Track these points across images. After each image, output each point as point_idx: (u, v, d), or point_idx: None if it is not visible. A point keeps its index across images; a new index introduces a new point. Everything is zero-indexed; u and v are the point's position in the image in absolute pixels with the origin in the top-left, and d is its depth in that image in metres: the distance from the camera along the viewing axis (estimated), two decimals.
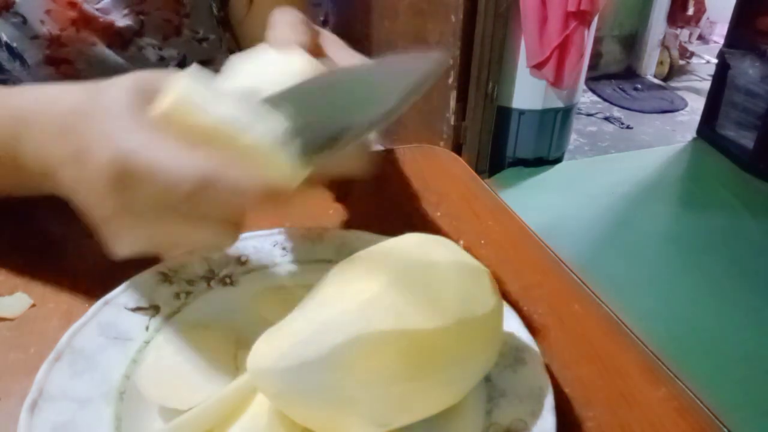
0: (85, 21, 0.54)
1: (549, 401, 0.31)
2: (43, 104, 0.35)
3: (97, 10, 0.54)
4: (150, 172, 0.28)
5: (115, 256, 0.33)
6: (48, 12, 0.52)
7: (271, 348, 0.28)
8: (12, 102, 0.37)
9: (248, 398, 0.31)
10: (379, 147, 0.67)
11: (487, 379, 0.32)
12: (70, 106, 0.33)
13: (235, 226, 0.31)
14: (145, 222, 0.30)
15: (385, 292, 0.28)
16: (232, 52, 0.65)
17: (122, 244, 0.32)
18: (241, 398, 0.31)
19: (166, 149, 0.28)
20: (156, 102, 0.30)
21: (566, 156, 2.55)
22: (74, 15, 0.53)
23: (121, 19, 0.56)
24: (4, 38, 0.52)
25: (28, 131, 0.35)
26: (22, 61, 0.53)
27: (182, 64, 0.61)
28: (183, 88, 0.29)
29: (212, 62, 0.63)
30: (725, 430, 0.35)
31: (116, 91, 0.31)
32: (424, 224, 0.52)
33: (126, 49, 0.57)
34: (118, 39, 0.56)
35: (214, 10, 0.63)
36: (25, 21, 0.52)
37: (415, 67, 0.31)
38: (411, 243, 0.31)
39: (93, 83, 0.33)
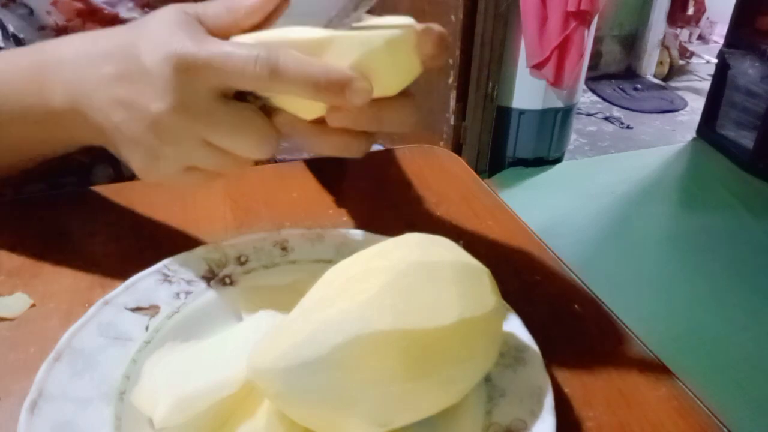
0: (91, 12, 0.54)
1: (549, 401, 0.31)
2: (76, 44, 0.37)
3: (103, 2, 0.55)
4: (216, 62, 0.30)
5: (147, 179, 0.35)
6: (54, 3, 0.52)
7: (270, 348, 0.28)
8: (40, 47, 0.39)
9: (248, 398, 0.31)
10: (378, 147, 0.67)
11: (487, 379, 0.32)
12: (107, 41, 0.35)
13: (275, 139, 0.33)
14: (193, 126, 0.32)
15: (384, 291, 0.28)
16: None
17: (159, 163, 0.34)
18: (240, 398, 0.31)
19: (227, 43, 0.31)
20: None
21: (566, 156, 2.55)
22: (80, 6, 0.53)
23: (126, 12, 0.56)
24: (11, 29, 0.52)
25: (58, 67, 0.37)
26: None
27: None
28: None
29: None
30: (725, 430, 0.35)
31: (159, 16, 0.33)
32: (424, 224, 0.52)
33: None
34: None
35: None
36: (31, 12, 0.52)
37: None
38: (411, 243, 0.31)
39: (131, 23, 0.35)
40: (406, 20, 0.33)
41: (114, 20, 0.56)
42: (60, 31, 0.53)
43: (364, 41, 0.31)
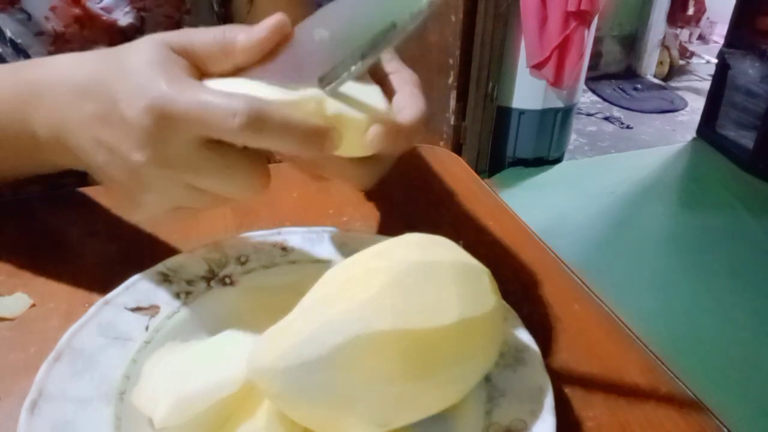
0: (89, 19, 0.54)
1: (549, 401, 0.31)
2: (57, 74, 0.35)
3: (100, 8, 0.55)
4: (194, 113, 0.29)
5: (131, 218, 0.33)
6: (53, 9, 0.52)
7: (270, 348, 0.28)
8: (22, 73, 0.37)
9: (247, 399, 0.31)
10: None
11: (487, 379, 0.32)
12: (86, 73, 0.33)
13: (264, 178, 0.32)
14: (175, 174, 0.31)
15: (384, 291, 0.27)
16: None
17: (144, 206, 0.33)
18: (240, 399, 0.31)
19: (206, 91, 0.29)
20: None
21: (566, 156, 2.55)
22: (78, 12, 0.53)
23: (123, 17, 0.56)
24: (9, 34, 0.52)
25: (40, 100, 0.35)
26: (27, 57, 0.53)
27: None
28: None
29: None
30: (725, 430, 0.35)
31: (138, 51, 0.31)
32: (424, 224, 0.52)
33: None
34: (121, 37, 0.56)
35: (215, 6, 0.63)
36: (29, 17, 0.52)
37: None
38: (411, 243, 0.31)
39: (107, 50, 0.34)
40: (378, 100, 0.33)
41: (112, 26, 0.56)
42: (57, 37, 0.53)
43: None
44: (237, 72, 0.33)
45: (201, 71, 0.32)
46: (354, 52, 0.31)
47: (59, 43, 0.54)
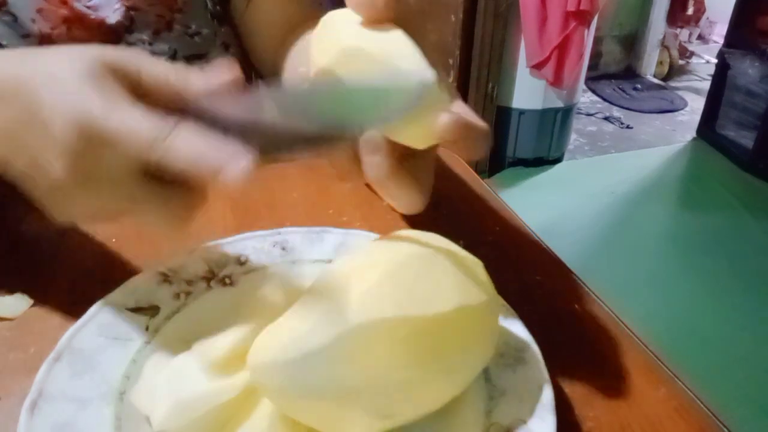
0: (77, 19, 0.54)
1: (549, 401, 0.31)
2: None
3: (87, 7, 0.54)
4: (119, 136, 0.27)
5: (57, 221, 0.31)
6: (39, 10, 0.52)
7: (271, 342, 0.28)
8: None
9: (246, 403, 0.31)
10: None
11: (487, 379, 0.32)
12: (4, 72, 0.30)
13: (190, 213, 0.30)
14: (98, 190, 0.29)
15: (383, 282, 0.28)
16: (227, 46, 0.65)
17: (68, 212, 0.31)
18: (239, 402, 0.30)
19: (132, 112, 0.27)
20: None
21: (566, 156, 2.55)
22: (65, 13, 0.53)
23: (112, 15, 0.56)
24: None
25: None
26: None
27: (173, 59, 0.61)
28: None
29: (204, 57, 0.63)
30: (725, 430, 0.35)
31: (70, 59, 0.29)
32: (424, 224, 0.52)
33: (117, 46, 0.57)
34: (110, 36, 0.56)
35: (209, 5, 0.63)
36: (16, 19, 0.52)
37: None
38: (405, 238, 0.32)
39: (28, 50, 0.32)
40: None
41: (100, 26, 0.55)
42: (44, 39, 0.53)
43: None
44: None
45: (135, 93, 0.30)
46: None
47: (46, 45, 0.53)
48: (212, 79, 0.31)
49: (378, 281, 0.28)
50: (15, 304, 0.39)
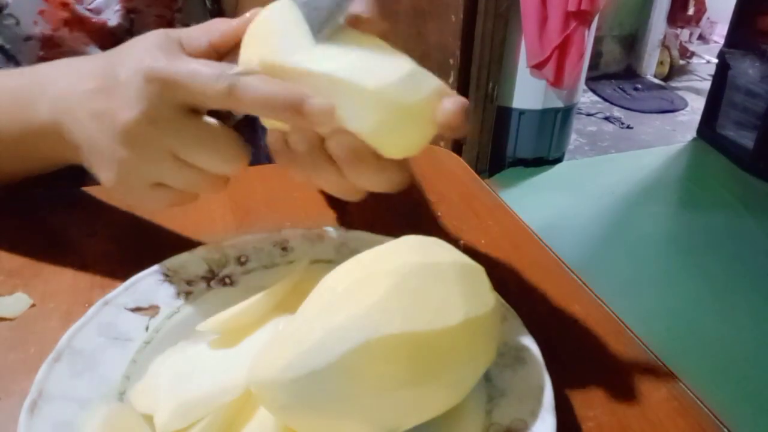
0: (78, 21, 0.54)
1: (549, 401, 0.31)
2: (71, 63, 0.39)
3: (88, 10, 0.54)
4: (181, 77, 0.31)
5: (116, 193, 0.36)
6: (41, 13, 0.52)
7: (274, 358, 0.28)
8: (37, 67, 0.41)
9: (249, 403, 0.30)
10: None
11: (487, 379, 0.32)
12: (96, 60, 0.37)
13: (242, 153, 0.34)
14: (159, 137, 0.33)
15: (391, 295, 0.27)
16: None
17: (129, 177, 0.35)
18: (242, 403, 0.30)
19: (196, 61, 0.32)
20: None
21: (566, 156, 2.55)
22: (67, 15, 0.53)
23: (113, 17, 0.56)
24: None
25: (50, 84, 0.38)
26: (17, 63, 0.53)
27: None
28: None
29: None
30: (725, 430, 0.35)
31: (144, 38, 0.34)
32: (424, 224, 0.52)
33: None
34: (111, 39, 0.56)
35: (207, 3, 0.63)
36: (18, 22, 0.52)
37: None
38: (409, 245, 0.31)
39: (110, 50, 0.37)
40: (407, 65, 0.32)
41: (101, 28, 0.56)
42: (46, 41, 0.53)
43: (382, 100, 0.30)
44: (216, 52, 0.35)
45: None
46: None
47: (48, 48, 0.53)
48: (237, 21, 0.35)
49: (385, 294, 0.27)
50: (15, 304, 0.39)
